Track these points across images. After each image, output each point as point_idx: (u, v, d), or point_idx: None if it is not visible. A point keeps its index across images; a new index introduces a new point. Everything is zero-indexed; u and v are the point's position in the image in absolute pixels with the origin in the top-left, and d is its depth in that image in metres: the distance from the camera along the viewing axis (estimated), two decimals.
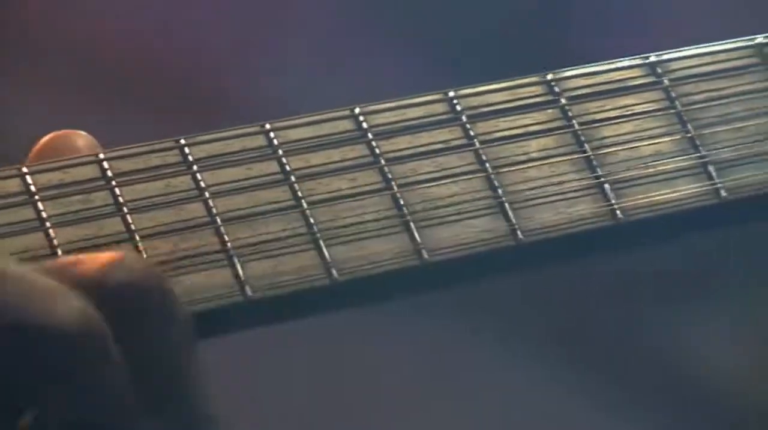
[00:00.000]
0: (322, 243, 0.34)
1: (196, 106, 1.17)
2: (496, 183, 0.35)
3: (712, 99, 0.37)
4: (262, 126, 0.35)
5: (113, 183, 0.35)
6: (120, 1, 1.19)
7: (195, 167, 0.34)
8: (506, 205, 0.35)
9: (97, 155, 0.35)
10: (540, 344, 1.43)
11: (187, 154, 0.35)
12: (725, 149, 0.36)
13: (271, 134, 0.35)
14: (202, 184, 0.34)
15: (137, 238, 0.34)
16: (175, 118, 1.17)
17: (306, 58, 1.30)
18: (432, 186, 0.35)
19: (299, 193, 0.34)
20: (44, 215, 0.35)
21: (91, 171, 0.35)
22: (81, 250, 0.34)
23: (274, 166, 0.35)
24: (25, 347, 0.33)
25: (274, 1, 1.26)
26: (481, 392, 1.38)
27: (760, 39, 0.38)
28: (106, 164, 0.35)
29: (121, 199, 0.35)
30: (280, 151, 0.35)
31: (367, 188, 0.35)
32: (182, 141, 0.35)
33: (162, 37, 1.19)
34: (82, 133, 0.38)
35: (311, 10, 1.29)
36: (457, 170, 0.35)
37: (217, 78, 1.20)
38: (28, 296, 0.32)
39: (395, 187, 0.35)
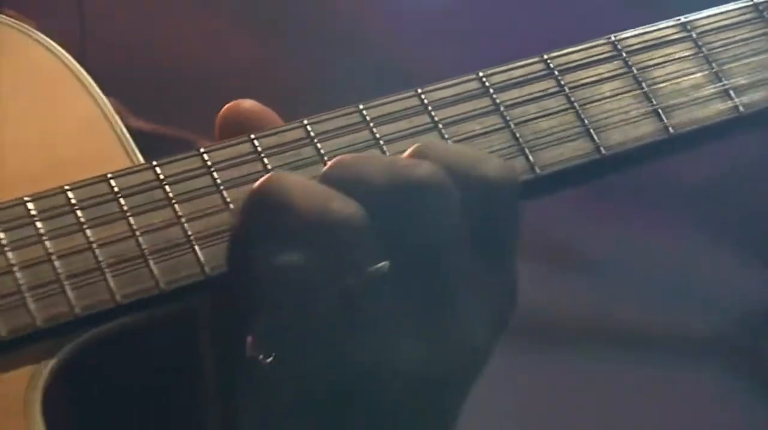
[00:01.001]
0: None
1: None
2: (582, 116, 0.50)
3: (728, 44, 0.52)
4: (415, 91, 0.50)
5: (316, 140, 0.49)
6: None
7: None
8: (591, 131, 0.50)
9: (302, 121, 0.49)
10: None
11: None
12: (740, 78, 0.51)
13: (422, 96, 0.50)
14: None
15: None
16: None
17: None
18: (540, 121, 0.50)
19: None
20: (269, 167, 0.49)
21: (298, 134, 0.50)
22: None
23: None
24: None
25: None
26: None
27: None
28: (309, 128, 0.50)
29: (322, 151, 0.49)
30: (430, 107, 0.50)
31: (492, 128, 0.50)
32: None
33: None
34: (248, 101, 0.51)
35: None
36: (555, 109, 0.50)
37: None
38: None
39: (512, 125, 0.50)
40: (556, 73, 0.51)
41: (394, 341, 0.43)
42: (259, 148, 0.49)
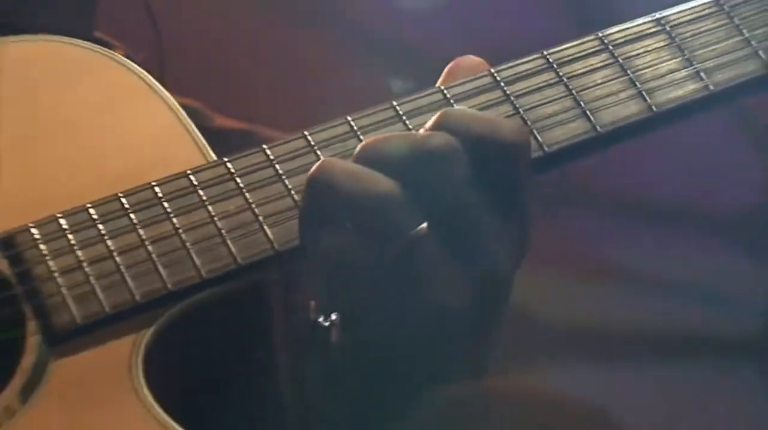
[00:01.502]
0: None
1: None
2: (579, 101, 0.60)
3: (696, 34, 0.62)
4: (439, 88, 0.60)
5: (359, 133, 0.59)
6: None
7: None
8: (587, 113, 0.60)
9: (345, 118, 0.59)
10: None
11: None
12: (709, 62, 0.61)
13: (445, 92, 0.60)
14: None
15: None
16: None
17: None
18: (544, 107, 0.60)
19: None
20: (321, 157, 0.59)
21: (343, 128, 0.59)
22: None
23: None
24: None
25: None
26: None
27: None
28: (353, 123, 0.59)
29: None
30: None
31: (504, 115, 0.60)
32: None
33: None
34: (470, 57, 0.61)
35: None
36: (556, 97, 0.60)
37: None
38: None
39: (521, 112, 0.60)
40: (555, 66, 0.61)
41: (440, 286, 0.53)
42: (312, 143, 0.59)
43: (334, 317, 0.56)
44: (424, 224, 0.53)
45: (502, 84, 0.60)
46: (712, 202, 1.81)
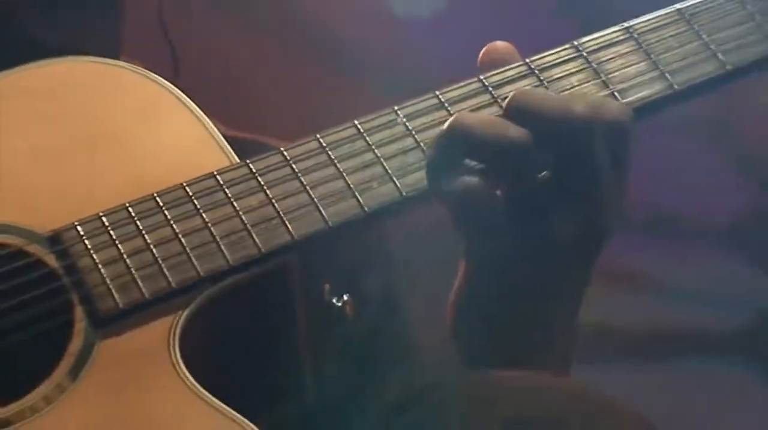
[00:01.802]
0: None
1: None
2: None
3: (660, 40, 0.70)
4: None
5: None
6: None
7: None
8: None
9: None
10: None
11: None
12: (673, 64, 0.70)
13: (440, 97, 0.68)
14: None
15: None
16: None
17: None
18: None
19: None
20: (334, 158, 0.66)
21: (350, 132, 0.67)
22: None
23: None
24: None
25: None
26: None
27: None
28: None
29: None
30: None
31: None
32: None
33: None
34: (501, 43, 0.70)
35: None
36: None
37: None
38: None
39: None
40: (537, 72, 0.69)
41: (552, 223, 0.64)
42: (324, 144, 0.67)
43: (345, 297, 0.64)
44: (546, 172, 0.64)
45: (491, 89, 0.68)
46: (704, 214, 1.96)
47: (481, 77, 0.69)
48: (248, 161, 0.66)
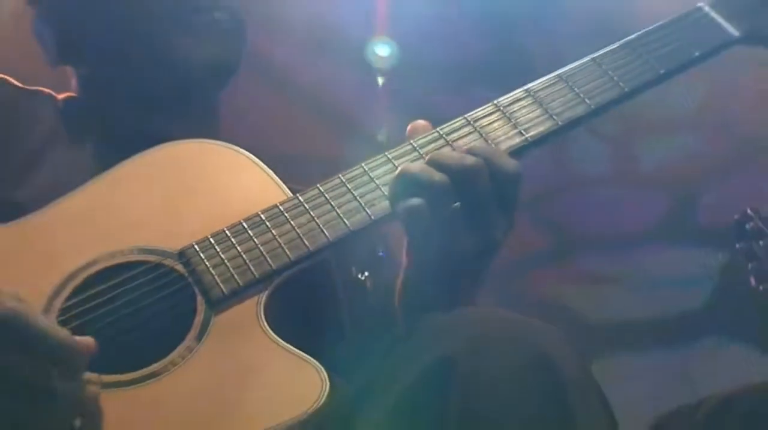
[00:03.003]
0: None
1: None
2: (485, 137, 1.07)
3: (549, 94, 1.09)
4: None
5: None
6: None
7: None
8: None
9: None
10: None
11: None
12: (557, 108, 1.08)
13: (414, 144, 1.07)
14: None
15: None
16: None
17: None
18: None
19: None
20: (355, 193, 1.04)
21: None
22: None
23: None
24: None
25: None
26: None
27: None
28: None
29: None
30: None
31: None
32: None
33: None
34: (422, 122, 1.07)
35: None
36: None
37: None
38: None
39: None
40: (472, 123, 1.07)
41: (463, 238, 0.98)
42: (344, 179, 1.04)
43: (366, 274, 1.01)
44: (458, 203, 0.99)
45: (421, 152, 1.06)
46: (633, 223, 2.54)
47: (411, 142, 1.06)
48: (297, 195, 1.04)
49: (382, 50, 2.08)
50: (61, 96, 1.28)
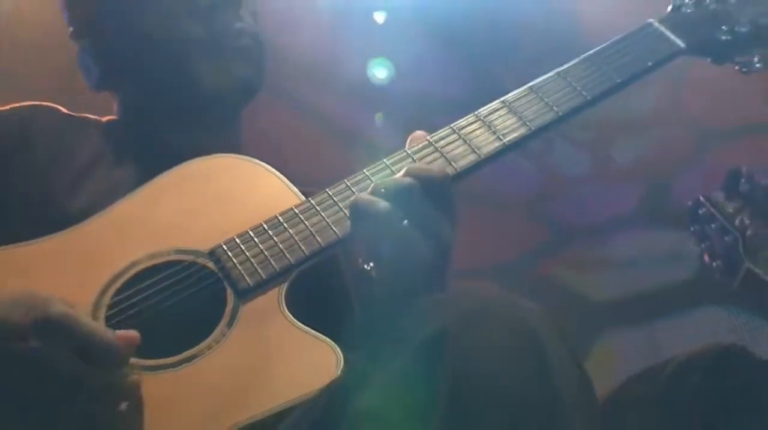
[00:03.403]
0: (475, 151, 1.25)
1: None
2: (471, 146, 1.23)
3: (522, 104, 1.26)
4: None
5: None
6: None
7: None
8: (475, 150, 1.23)
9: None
10: None
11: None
12: (531, 115, 1.25)
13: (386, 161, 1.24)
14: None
15: None
16: None
17: None
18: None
19: None
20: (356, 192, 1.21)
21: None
22: None
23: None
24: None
25: None
26: None
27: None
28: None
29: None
30: None
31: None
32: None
33: None
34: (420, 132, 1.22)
35: None
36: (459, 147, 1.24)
37: None
38: None
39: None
40: (457, 131, 1.23)
41: (416, 245, 1.11)
42: (349, 183, 1.21)
43: (371, 264, 1.18)
44: (406, 221, 1.13)
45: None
46: (613, 211, 2.86)
47: (407, 149, 1.23)
48: (310, 199, 1.21)
49: (380, 72, 2.33)
50: (104, 119, 1.46)
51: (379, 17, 2.43)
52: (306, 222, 1.19)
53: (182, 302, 1.17)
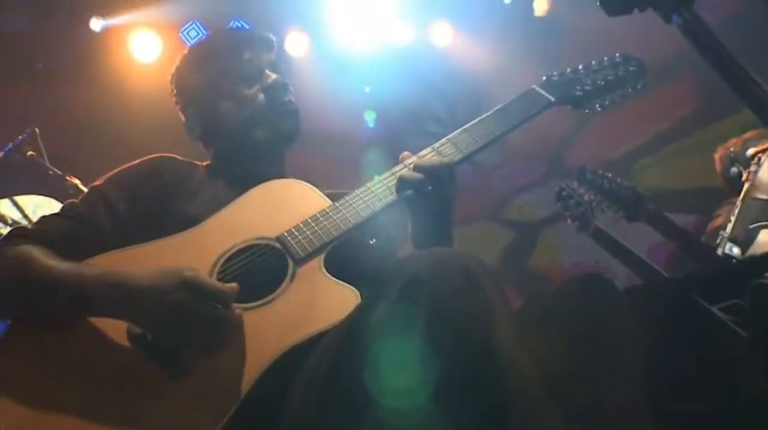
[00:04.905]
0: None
1: None
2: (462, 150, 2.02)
3: (462, 138, 2.05)
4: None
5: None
6: None
7: None
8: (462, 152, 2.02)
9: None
10: None
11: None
12: (462, 145, 2.03)
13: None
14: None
15: None
16: None
17: None
18: None
19: None
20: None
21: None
22: None
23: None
24: None
25: None
26: None
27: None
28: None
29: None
30: None
31: None
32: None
33: None
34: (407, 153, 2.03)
35: None
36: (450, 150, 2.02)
37: None
38: None
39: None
40: (437, 149, 2.01)
41: (437, 198, 1.98)
42: (358, 192, 2.00)
43: (374, 240, 1.96)
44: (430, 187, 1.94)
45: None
46: None
47: (405, 162, 2.00)
48: (336, 203, 1.99)
49: (370, 118, 3.39)
50: (203, 164, 2.30)
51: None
52: (334, 217, 1.97)
53: (261, 268, 1.86)
